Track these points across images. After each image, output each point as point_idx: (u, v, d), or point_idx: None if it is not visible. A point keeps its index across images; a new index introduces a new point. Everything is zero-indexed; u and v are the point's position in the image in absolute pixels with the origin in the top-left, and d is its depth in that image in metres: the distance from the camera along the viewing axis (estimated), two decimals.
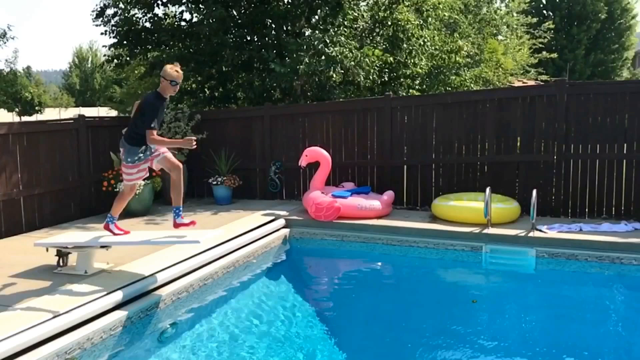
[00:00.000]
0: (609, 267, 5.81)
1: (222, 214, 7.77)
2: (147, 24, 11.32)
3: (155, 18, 11.32)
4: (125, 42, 11.25)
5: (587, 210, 7.31)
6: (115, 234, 5.23)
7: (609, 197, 7.21)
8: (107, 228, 5.24)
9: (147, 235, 5.47)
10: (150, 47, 11.43)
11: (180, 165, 5.17)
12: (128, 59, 11.69)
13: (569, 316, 5.02)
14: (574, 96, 7.26)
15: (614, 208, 7.20)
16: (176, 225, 5.06)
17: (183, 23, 11.59)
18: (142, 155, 5.05)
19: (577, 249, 6.02)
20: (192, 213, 7.88)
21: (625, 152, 7.10)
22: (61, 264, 5.14)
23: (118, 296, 4.41)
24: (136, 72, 18.71)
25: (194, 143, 5.00)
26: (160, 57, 11.14)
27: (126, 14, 11.21)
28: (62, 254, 5.14)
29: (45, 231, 6.82)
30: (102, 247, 5.10)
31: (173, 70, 4.94)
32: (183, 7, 11.44)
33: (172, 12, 11.86)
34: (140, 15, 11.30)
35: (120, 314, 4.26)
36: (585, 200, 7.31)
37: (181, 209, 5.07)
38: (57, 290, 4.53)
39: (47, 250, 5.25)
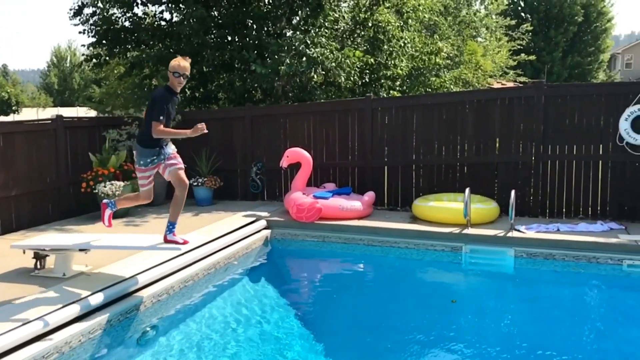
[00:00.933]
0: (586, 266, 5.92)
1: (203, 215, 7.72)
2: (127, 23, 11.21)
3: (135, 17, 11.22)
4: (104, 41, 11.13)
5: (564, 210, 7.43)
6: (173, 241, 4.91)
7: (586, 198, 7.34)
8: (166, 240, 4.93)
9: (129, 240, 5.39)
10: (129, 46, 11.32)
11: (187, 183, 5.06)
12: (107, 58, 11.56)
13: (547, 315, 5.09)
14: (551, 98, 7.38)
15: (590, 208, 7.33)
16: (166, 240, 4.91)
17: (163, 23, 11.50)
18: (155, 158, 4.88)
19: (555, 248, 6.12)
20: None
21: (601, 153, 7.23)
22: (39, 266, 5.07)
23: (97, 299, 4.36)
24: (116, 71, 18.53)
25: (204, 128, 4.83)
26: (140, 56, 11.05)
27: (105, 13, 11.09)
28: (39, 256, 5.07)
29: (22, 233, 6.71)
30: (80, 250, 5.04)
31: (175, 62, 4.82)
32: (163, 7, 11.35)
33: (152, 11, 11.77)
34: (119, 15, 11.19)
35: (99, 317, 4.21)
36: (562, 200, 7.43)
37: (175, 225, 4.94)
38: (34, 293, 4.46)
39: (24, 252, 5.17)
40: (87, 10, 11.19)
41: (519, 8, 33.56)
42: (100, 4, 11.19)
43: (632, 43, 49.75)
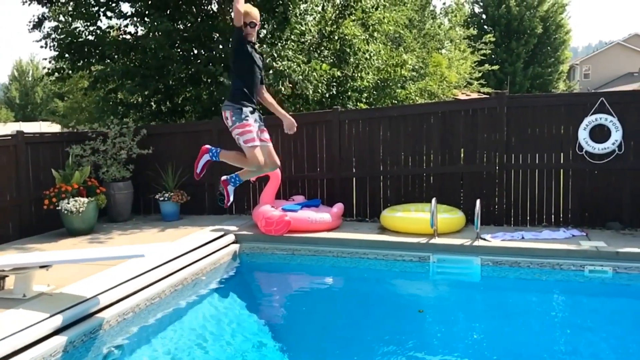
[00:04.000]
0: (550, 273, 6.05)
1: (170, 230, 7.61)
2: (90, 37, 11.04)
3: (99, 31, 11.06)
4: (66, 54, 10.93)
5: (528, 218, 7.59)
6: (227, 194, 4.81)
7: (549, 205, 7.52)
8: (225, 184, 4.86)
9: (89, 252, 5.28)
10: (93, 60, 11.14)
11: (278, 163, 4.92)
12: (70, 72, 11.34)
13: (513, 322, 5.18)
14: (513, 108, 7.55)
15: (553, 216, 7.52)
16: (223, 182, 4.87)
17: (128, 36, 11.37)
18: (248, 114, 4.55)
19: (520, 256, 6.23)
20: (139, 230, 7.70)
21: (562, 161, 7.43)
22: None
23: (59, 320, 4.24)
24: (80, 85, 18.22)
25: None
26: (104, 70, 10.88)
27: (67, 27, 10.90)
28: None
29: None
30: (41, 267, 4.89)
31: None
32: (128, 20, 11.23)
33: (116, 24, 11.62)
34: (82, 28, 11.01)
35: (61, 339, 4.09)
36: (526, 208, 7.60)
37: (240, 182, 4.87)
38: None
39: None
40: (49, 24, 11.00)
41: (481, 21, 34.38)
42: (62, 17, 11.00)
43: (589, 54, 51.44)
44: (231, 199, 4.83)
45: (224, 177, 4.86)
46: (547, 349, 4.63)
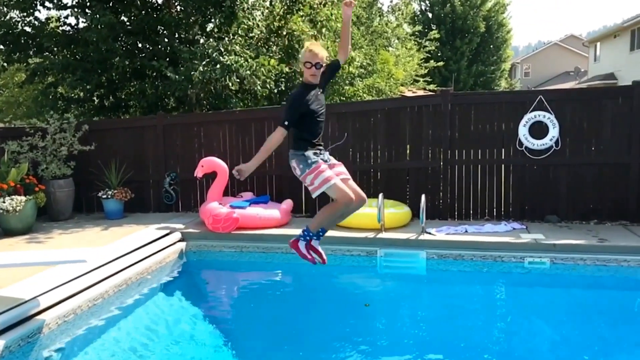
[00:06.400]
0: (492, 265, 6.26)
1: (113, 229, 7.40)
2: (27, 28, 10.56)
3: (37, 22, 10.59)
4: (1, 46, 10.43)
5: (471, 212, 7.82)
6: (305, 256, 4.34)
7: (491, 200, 7.77)
8: (294, 246, 4.36)
9: (27, 256, 5.07)
10: (31, 52, 10.67)
11: (365, 197, 4.31)
12: (5, 64, 10.82)
13: (457, 313, 5.32)
14: (457, 106, 7.75)
15: (495, 210, 7.77)
16: (294, 244, 4.38)
17: (68, 28, 10.95)
18: (315, 157, 4.15)
19: (463, 249, 6.41)
20: (81, 229, 7.45)
21: (503, 157, 7.68)
22: None
23: None
24: (16, 79, 17.41)
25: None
26: (43, 63, 10.45)
27: (2, 17, 10.39)
28: None
29: None
30: None
31: (304, 49, 4.19)
32: (68, 11, 10.80)
33: (57, 15, 11.16)
34: (18, 19, 10.51)
35: None
36: (469, 203, 7.82)
37: (312, 236, 4.33)
38: None
39: None
40: None
41: (428, 19, 35.04)
42: None
43: (529, 53, 53.41)
44: (315, 255, 4.49)
45: (293, 238, 4.39)
46: (490, 336, 4.80)
